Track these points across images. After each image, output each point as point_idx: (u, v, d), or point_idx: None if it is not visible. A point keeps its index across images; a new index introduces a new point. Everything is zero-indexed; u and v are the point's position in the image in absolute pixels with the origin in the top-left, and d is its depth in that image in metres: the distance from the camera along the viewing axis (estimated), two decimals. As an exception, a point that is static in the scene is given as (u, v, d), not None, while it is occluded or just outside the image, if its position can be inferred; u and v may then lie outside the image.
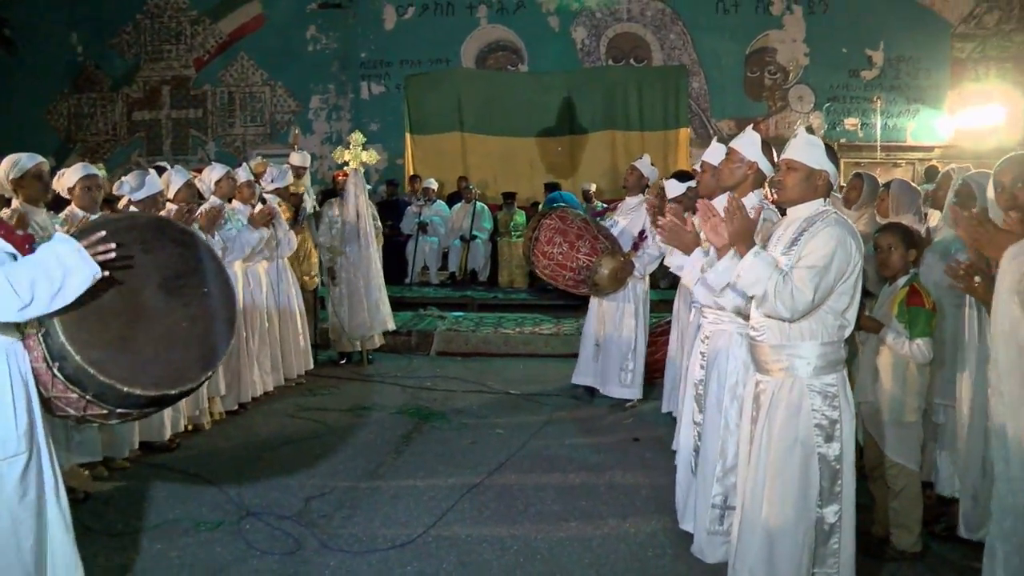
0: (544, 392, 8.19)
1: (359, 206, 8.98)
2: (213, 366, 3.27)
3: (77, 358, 2.86)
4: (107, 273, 2.85)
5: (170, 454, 6.19)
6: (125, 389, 2.95)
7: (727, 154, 4.21)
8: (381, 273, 9.26)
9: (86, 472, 5.58)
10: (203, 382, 3.26)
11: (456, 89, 16.43)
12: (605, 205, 13.91)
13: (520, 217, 14.10)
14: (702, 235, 4.70)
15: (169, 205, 6.59)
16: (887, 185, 5.73)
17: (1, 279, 2.66)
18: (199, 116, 18.65)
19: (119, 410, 3.07)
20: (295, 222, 8.50)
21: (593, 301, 7.70)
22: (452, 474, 5.85)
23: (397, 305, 10.25)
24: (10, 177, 5.24)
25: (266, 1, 18.06)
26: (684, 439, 4.64)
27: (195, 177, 7.79)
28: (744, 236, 3.34)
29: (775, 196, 3.63)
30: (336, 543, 4.69)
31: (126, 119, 18.91)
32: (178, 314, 3.18)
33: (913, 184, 5.87)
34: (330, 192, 11.95)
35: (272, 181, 8.52)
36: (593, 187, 14.22)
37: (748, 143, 4.10)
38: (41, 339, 2.91)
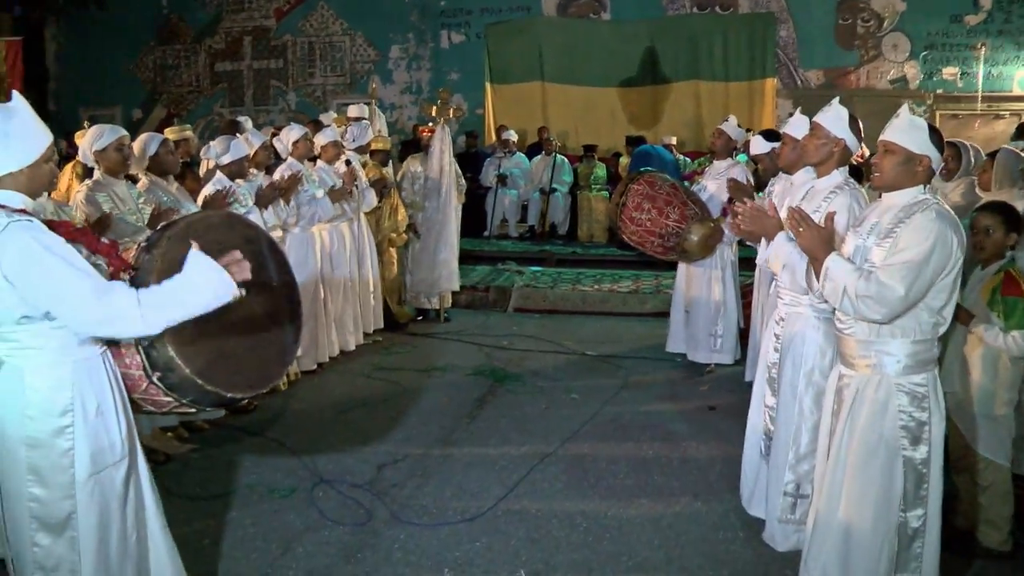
0: (620, 354, 8.08)
1: (443, 163, 8.91)
2: (290, 362, 3.30)
3: (186, 370, 2.86)
4: (243, 292, 2.82)
5: (247, 416, 6.25)
6: (228, 395, 3.00)
7: (812, 129, 3.99)
8: (456, 232, 9.21)
9: (169, 434, 5.68)
10: (282, 377, 3.29)
11: (537, 38, 16.13)
12: (687, 159, 13.65)
13: (600, 170, 13.88)
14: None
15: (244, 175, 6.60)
16: (992, 155, 5.35)
17: (132, 300, 2.62)
18: (280, 67, 18.73)
19: (208, 408, 3.15)
20: (384, 187, 8.44)
21: (680, 267, 7.55)
22: (525, 442, 5.81)
23: (476, 259, 10.25)
24: (93, 148, 5.28)
25: (346, -51, 17.98)
26: (754, 421, 4.49)
27: (274, 136, 7.81)
28: (818, 246, 3.20)
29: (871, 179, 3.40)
30: (406, 515, 4.69)
31: (209, 70, 19.11)
32: (257, 312, 3.18)
33: (1021, 154, 5.45)
34: (411, 144, 11.93)
35: (353, 140, 8.46)
36: (674, 140, 13.88)
37: (835, 118, 3.88)
38: (142, 350, 2.90)
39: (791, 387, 4.07)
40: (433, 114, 8.88)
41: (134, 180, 5.68)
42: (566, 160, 14.07)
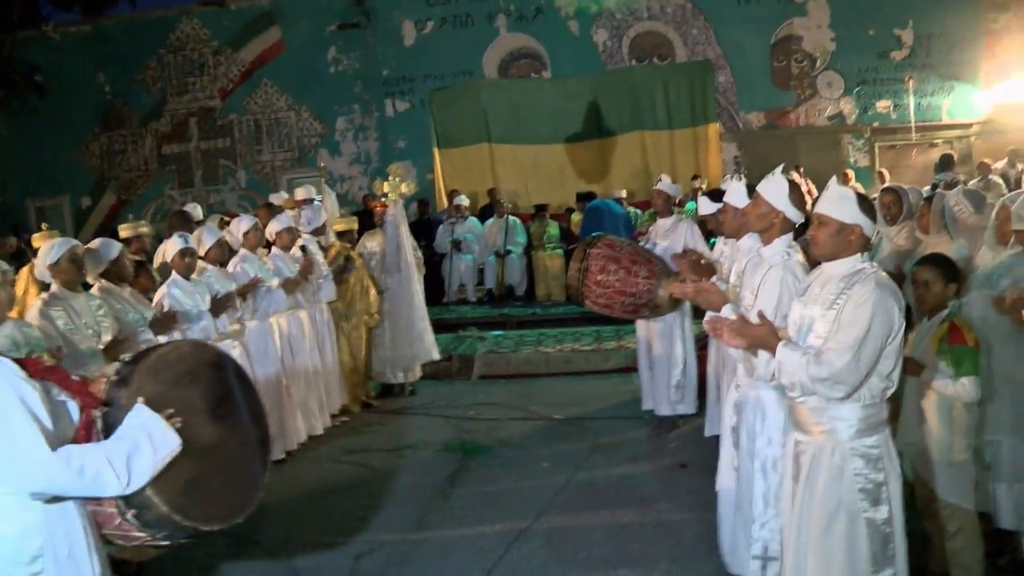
0: (587, 415, 8.13)
1: (399, 237, 8.97)
2: (262, 486, 3.28)
3: (163, 508, 2.85)
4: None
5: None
6: (204, 528, 2.98)
7: (754, 198, 4.09)
8: (424, 304, 9.26)
9: (137, 541, 5.61)
10: (256, 503, 3.24)
11: (481, 100, 16.27)
12: (639, 210, 13.84)
13: (553, 228, 14.02)
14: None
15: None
16: (928, 199, 5.53)
17: (103, 463, 2.66)
18: (227, 145, 18.89)
19: (184, 540, 3.10)
20: (344, 270, 8.47)
21: (640, 325, 7.64)
22: (499, 518, 5.81)
23: (437, 327, 10.25)
24: (47, 263, 5.27)
25: (285, 27, 18.24)
26: (723, 483, 4.55)
27: (224, 225, 7.84)
28: (761, 342, 3.34)
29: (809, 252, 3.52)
30: (387, 607, 4.69)
31: (156, 153, 19.23)
32: (229, 441, 3.19)
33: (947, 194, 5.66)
34: (362, 214, 12.00)
35: (308, 223, 8.47)
36: (623, 193, 14.09)
37: (775, 190, 3.96)
38: None
39: (748, 452, 4.15)
40: (385, 191, 8.94)
41: (87, 286, 5.68)
42: (518, 221, 14.20)
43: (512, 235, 13.93)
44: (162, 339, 5.61)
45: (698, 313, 7.52)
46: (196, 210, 9.35)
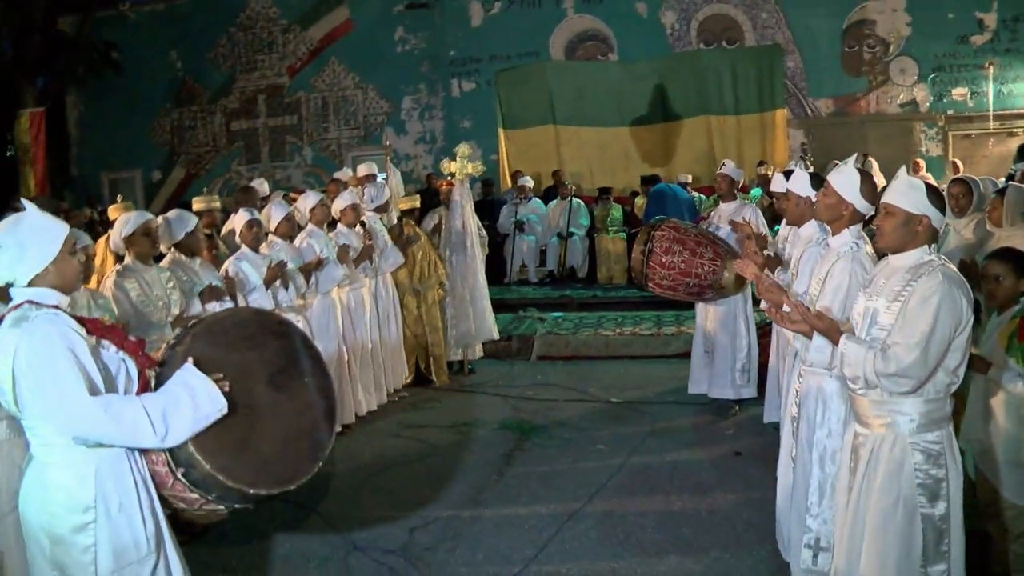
0: (644, 399, 8.12)
1: (464, 216, 9.03)
2: (322, 458, 3.26)
3: (207, 466, 2.88)
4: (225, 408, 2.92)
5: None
6: (251, 491, 2.98)
7: (824, 188, 4.02)
8: (485, 283, 9.32)
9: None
10: (314, 474, 3.23)
11: (546, 82, 16.24)
12: (703, 196, 13.73)
13: (617, 212, 13.97)
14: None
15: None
16: (1000, 192, 5.39)
17: (140, 413, 2.74)
18: (294, 122, 19.07)
19: (237, 506, 3.12)
20: (408, 242, 8.56)
21: (698, 308, 7.64)
22: (553, 499, 5.85)
23: (498, 307, 10.33)
24: (122, 236, 5.39)
25: (354, 5, 18.33)
26: (782, 472, 4.53)
27: (291, 202, 7.95)
28: (822, 333, 3.34)
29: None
30: (440, 581, 4.75)
31: (225, 129, 19.49)
32: (286, 408, 3.22)
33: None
34: (425, 194, 12.08)
35: (372, 201, 8.58)
36: (689, 178, 13.97)
37: (846, 182, 3.87)
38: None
39: (808, 442, 4.11)
40: (452, 170, 8.98)
41: (159, 258, 5.80)
42: (582, 203, 14.17)
43: (575, 217, 13.91)
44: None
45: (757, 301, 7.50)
46: (263, 186, 9.48)
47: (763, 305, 3.98)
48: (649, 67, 16.22)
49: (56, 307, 2.87)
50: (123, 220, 5.47)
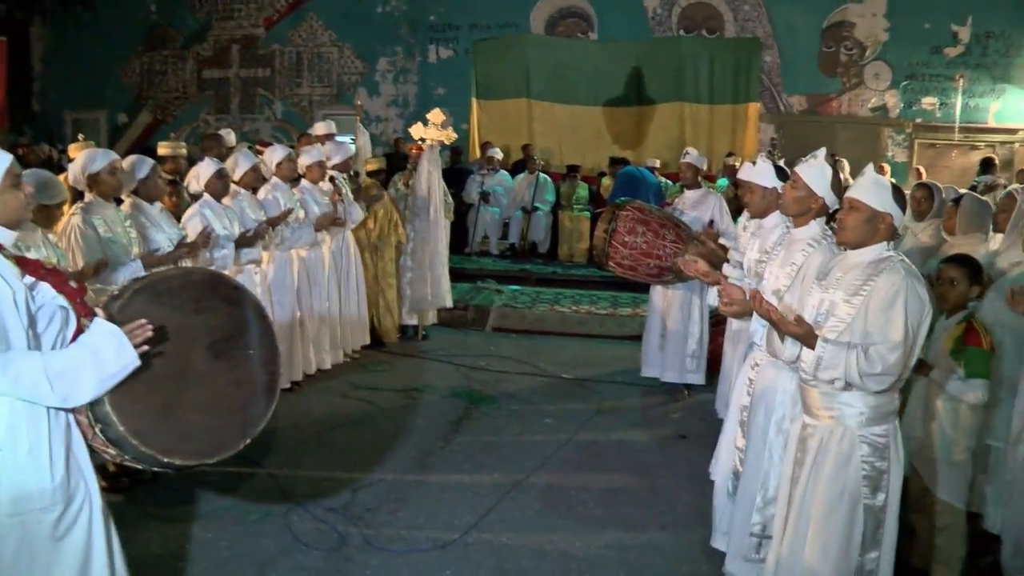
0: (595, 378, 8.19)
1: (431, 182, 9.00)
2: (251, 435, 3.13)
3: (120, 428, 2.79)
4: (145, 350, 2.80)
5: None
6: (164, 459, 2.89)
7: (792, 179, 4.03)
8: (447, 250, 9.33)
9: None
10: (239, 450, 3.11)
11: (524, 55, 16.13)
12: (670, 182, 13.77)
13: (583, 190, 14.01)
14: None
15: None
16: (956, 200, 5.48)
17: (39, 373, 2.64)
18: (267, 75, 18.85)
19: (155, 470, 3.05)
20: (372, 199, 8.55)
21: (655, 292, 7.69)
22: (498, 468, 5.89)
23: (456, 276, 10.38)
24: (86, 172, 5.31)
25: (337, -38, 18.07)
26: (724, 461, 4.59)
27: (257, 153, 7.87)
28: (798, 336, 3.34)
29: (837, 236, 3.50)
30: (379, 541, 4.77)
31: (196, 77, 19.22)
32: (223, 378, 3.10)
33: (985, 200, 5.61)
34: (394, 157, 12.01)
35: (330, 157, 8.49)
36: (657, 163, 14.01)
37: (817, 176, 3.90)
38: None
39: (762, 433, 4.14)
40: (424, 135, 8.93)
41: (118, 201, 5.72)
42: (549, 179, 14.19)
43: (541, 192, 13.92)
44: (187, 262, 5.67)
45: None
46: (230, 135, 9.36)
47: (710, 299, 4.00)
48: (628, 49, 16.20)
49: None
50: (87, 156, 5.36)
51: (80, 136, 9.73)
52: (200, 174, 6.47)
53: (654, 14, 17.10)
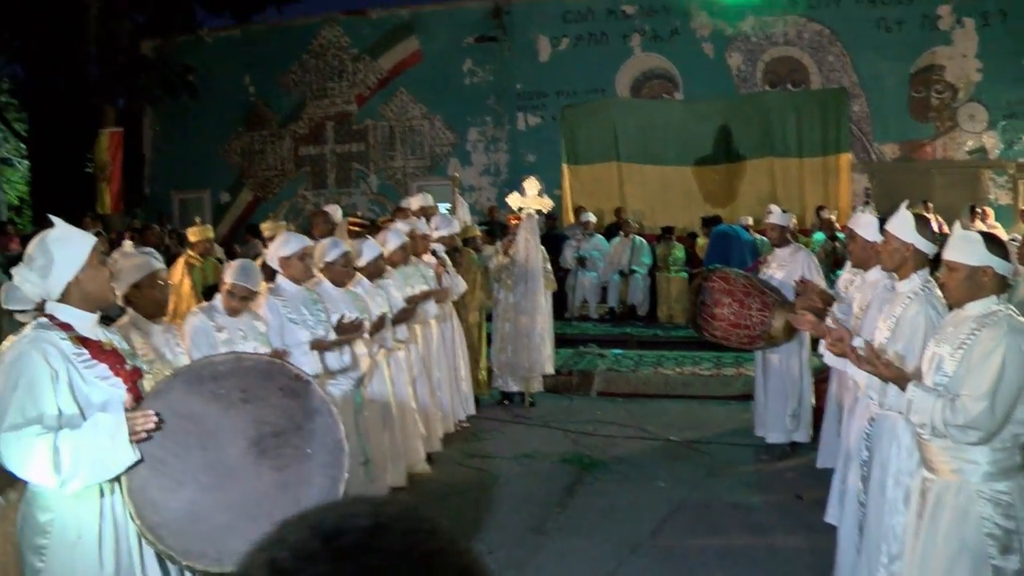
0: (704, 439, 8.20)
1: (529, 250, 9.21)
2: None
3: (138, 521, 2.70)
4: (143, 439, 2.72)
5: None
6: (183, 561, 2.72)
7: (884, 236, 4.17)
8: (550, 317, 9.49)
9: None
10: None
11: (611, 119, 16.38)
12: (764, 238, 13.72)
13: (679, 251, 14.07)
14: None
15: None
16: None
17: (47, 450, 2.65)
18: (361, 150, 19.48)
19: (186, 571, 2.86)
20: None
21: (759, 353, 7.73)
22: (614, 532, 5.97)
23: (559, 341, 10.53)
24: (279, 255, 5.44)
25: (423, 37, 18.71)
26: (849, 515, 4.60)
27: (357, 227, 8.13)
28: (891, 379, 3.41)
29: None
30: (505, 608, 4.89)
31: (293, 154, 19.97)
32: (266, 479, 2.82)
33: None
34: (489, 228, 12.28)
35: (437, 229, 8.72)
36: (750, 220, 14.01)
37: (902, 225, 4.06)
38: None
39: (880, 486, 4.19)
40: (520, 204, 9.17)
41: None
42: (644, 241, 14.30)
43: (637, 255, 14.03)
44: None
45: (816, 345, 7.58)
46: (336, 212, 9.64)
47: (821, 348, 4.10)
48: (714, 107, 16.31)
49: (66, 325, 2.87)
50: (282, 239, 5.55)
51: (197, 220, 10.23)
52: (324, 255, 6.36)
53: (738, 71, 17.25)
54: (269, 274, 5.62)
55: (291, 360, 4.92)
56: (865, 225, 5.15)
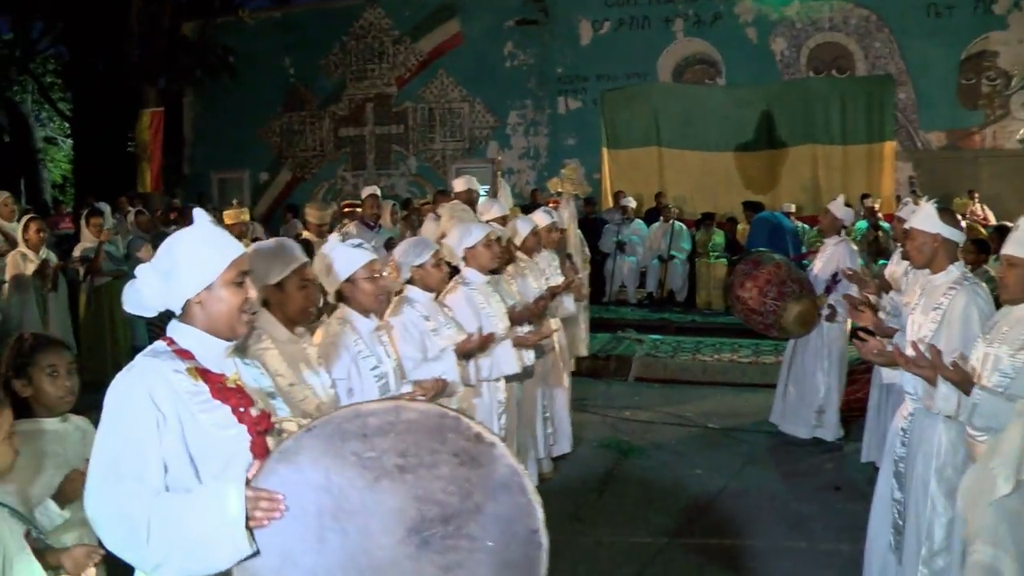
0: (742, 427, 8.14)
1: (568, 234, 9.15)
2: None
3: None
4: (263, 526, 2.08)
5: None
6: None
7: (909, 236, 4.11)
8: (585, 299, 9.42)
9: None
10: None
11: (652, 103, 16.19)
12: (806, 226, 13.59)
13: (719, 237, 13.96)
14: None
15: None
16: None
17: (142, 517, 2.09)
18: (401, 132, 19.47)
19: None
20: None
21: (791, 341, 7.66)
22: (652, 521, 5.93)
23: (596, 326, 10.47)
24: (463, 246, 5.18)
25: (464, 19, 18.64)
26: (880, 514, 4.50)
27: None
28: (961, 384, 3.31)
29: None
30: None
31: (333, 135, 19.99)
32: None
33: None
34: (529, 209, 12.20)
35: (487, 212, 8.43)
36: (792, 207, 13.85)
37: (924, 218, 4.03)
38: None
39: (922, 483, 4.09)
40: (559, 189, 9.13)
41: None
42: (684, 227, 14.19)
43: (677, 240, 13.93)
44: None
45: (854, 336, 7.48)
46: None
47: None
48: (756, 93, 16.07)
49: (185, 352, 2.32)
50: (464, 229, 5.18)
51: (234, 202, 10.27)
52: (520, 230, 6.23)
53: (782, 56, 17.01)
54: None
55: (498, 351, 4.76)
56: (922, 217, 5.03)
